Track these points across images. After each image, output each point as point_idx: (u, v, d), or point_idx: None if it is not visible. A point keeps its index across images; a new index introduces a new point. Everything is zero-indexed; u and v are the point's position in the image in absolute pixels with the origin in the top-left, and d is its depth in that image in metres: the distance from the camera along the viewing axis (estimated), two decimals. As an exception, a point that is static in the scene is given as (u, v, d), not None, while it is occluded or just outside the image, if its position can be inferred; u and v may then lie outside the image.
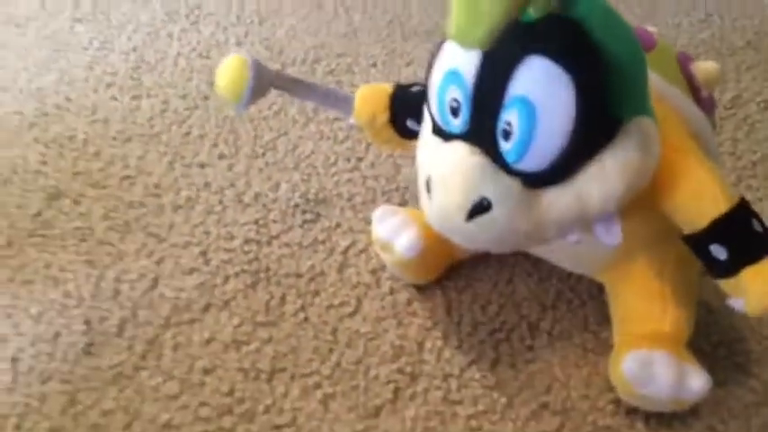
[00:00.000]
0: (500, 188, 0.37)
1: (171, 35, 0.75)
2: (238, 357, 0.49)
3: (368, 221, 0.57)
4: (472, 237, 0.39)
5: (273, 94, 0.67)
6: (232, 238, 0.56)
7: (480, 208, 0.38)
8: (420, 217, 0.50)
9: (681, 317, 0.45)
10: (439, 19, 0.77)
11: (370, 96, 0.50)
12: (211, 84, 0.69)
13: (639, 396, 0.43)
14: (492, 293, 0.52)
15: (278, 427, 0.45)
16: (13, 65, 0.72)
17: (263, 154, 0.63)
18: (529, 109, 0.35)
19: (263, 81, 0.51)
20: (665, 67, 0.46)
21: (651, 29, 0.49)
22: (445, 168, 0.39)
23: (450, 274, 0.53)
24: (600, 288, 0.50)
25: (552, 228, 0.39)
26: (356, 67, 0.72)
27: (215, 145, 0.64)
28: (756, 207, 0.41)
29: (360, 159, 0.62)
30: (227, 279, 0.53)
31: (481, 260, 0.53)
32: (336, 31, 0.76)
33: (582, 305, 0.51)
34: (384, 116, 0.50)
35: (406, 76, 0.71)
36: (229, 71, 0.51)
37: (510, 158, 0.37)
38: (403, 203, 0.55)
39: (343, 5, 0.79)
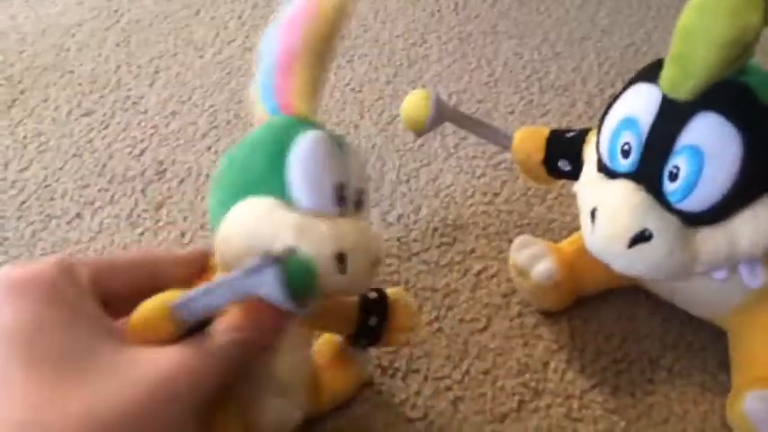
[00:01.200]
0: (661, 222, 0.42)
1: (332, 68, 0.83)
2: (378, 354, 0.54)
3: (500, 250, 0.62)
4: (630, 263, 0.44)
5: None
6: (376, 250, 0.62)
7: (642, 237, 0.42)
8: (556, 249, 0.55)
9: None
10: (574, 77, 0.82)
11: (529, 137, 0.56)
12: (361, 115, 0.77)
13: (758, 435, 0.46)
14: (615, 327, 0.56)
15: (411, 419, 0.50)
16: (191, 83, 0.82)
17: (407, 181, 0.69)
18: (698, 156, 0.40)
19: (441, 113, 0.58)
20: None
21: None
22: (612, 201, 0.44)
23: (576, 305, 0.57)
24: (719, 335, 0.53)
25: (702, 262, 0.43)
26: (495, 113, 0.77)
27: (364, 168, 0.70)
28: None
29: (495, 194, 0.68)
30: (370, 286, 0.59)
31: (606, 296, 0.57)
32: (478, 79, 0.82)
33: (702, 348, 0.54)
34: (539, 155, 0.55)
35: (541, 124, 0.76)
36: (414, 101, 0.57)
37: (673, 198, 0.42)
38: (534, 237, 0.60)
39: (486, 57, 0.85)
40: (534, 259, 0.55)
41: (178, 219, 0.66)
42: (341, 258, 0.37)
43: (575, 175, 0.51)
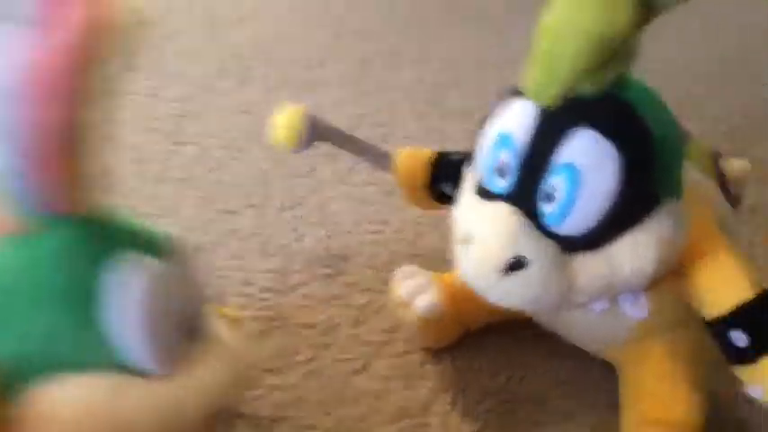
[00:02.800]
0: (537, 248, 0.38)
1: (218, 91, 0.79)
2: (241, 401, 0.48)
3: (386, 282, 0.57)
4: (505, 293, 0.40)
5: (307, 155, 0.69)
6: (250, 284, 0.57)
7: (517, 265, 0.38)
8: (441, 280, 0.51)
9: (695, 403, 0.44)
10: (474, 102, 0.79)
11: (412, 159, 0.52)
12: (250, 139, 0.72)
13: (648, 481, 0.42)
14: (502, 364, 0.51)
15: (272, 474, 0.45)
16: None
17: (292, 208, 0.64)
18: (574, 176, 0.37)
19: (314, 131, 0.53)
20: (700, 158, 0.47)
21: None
22: (486, 225, 0.40)
23: (463, 341, 0.52)
24: (611, 373, 0.49)
25: (581, 291, 0.39)
26: (392, 138, 0.74)
27: (246, 195, 0.65)
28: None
29: (385, 223, 0.63)
30: (240, 323, 0.54)
31: (494, 331, 0.53)
32: (377, 104, 0.78)
33: (593, 386, 0.50)
34: (422, 179, 0.51)
35: (440, 151, 0.72)
36: (287, 119, 0.53)
37: (549, 221, 0.38)
38: (423, 268, 0.56)
39: (386, 84, 0.82)
40: (417, 291, 0.50)
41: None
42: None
43: (460, 200, 0.48)
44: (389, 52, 0.87)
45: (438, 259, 0.60)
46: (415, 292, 0.51)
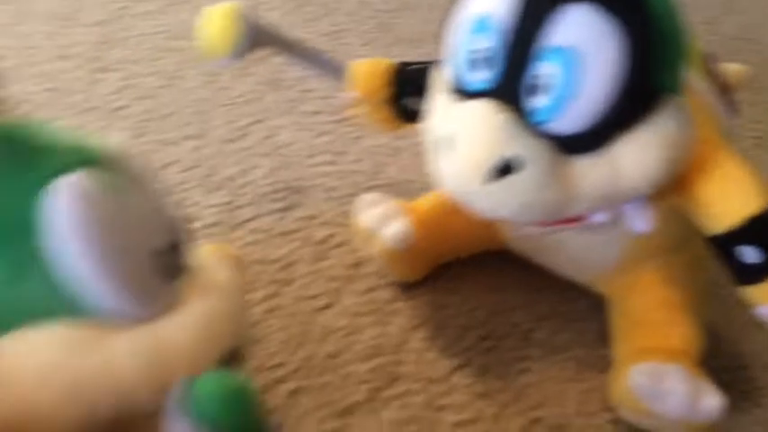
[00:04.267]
0: (530, 148, 0.33)
1: (144, 14, 0.70)
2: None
3: (347, 215, 0.52)
4: (494, 202, 0.35)
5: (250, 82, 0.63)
6: (194, 219, 0.51)
7: (507, 168, 0.33)
8: (410, 209, 0.46)
9: (691, 330, 0.41)
10: (427, 28, 0.74)
11: (370, 70, 0.46)
12: (182, 65, 0.65)
13: (646, 413, 0.39)
14: (483, 298, 0.47)
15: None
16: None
17: (236, 139, 0.58)
18: (570, 60, 0.32)
19: (258, 33, 0.46)
20: (694, 60, 0.43)
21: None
22: (469, 125, 0.34)
23: (438, 273, 0.48)
24: (598, 305, 0.46)
25: (582, 200, 0.35)
26: (339, 67, 0.68)
27: (183, 125, 0.58)
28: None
29: (339, 153, 0.58)
30: (186, 261, 0.48)
31: (472, 263, 0.49)
32: (319, 29, 0.72)
33: (579, 319, 0.47)
34: (384, 92, 0.46)
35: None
36: (221, 18, 0.46)
37: (543, 117, 0.33)
38: (386, 200, 0.51)
39: (328, 6, 0.76)
40: (384, 220, 0.45)
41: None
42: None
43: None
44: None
45: (400, 191, 0.55)
46: (382, 220, 0.46)
